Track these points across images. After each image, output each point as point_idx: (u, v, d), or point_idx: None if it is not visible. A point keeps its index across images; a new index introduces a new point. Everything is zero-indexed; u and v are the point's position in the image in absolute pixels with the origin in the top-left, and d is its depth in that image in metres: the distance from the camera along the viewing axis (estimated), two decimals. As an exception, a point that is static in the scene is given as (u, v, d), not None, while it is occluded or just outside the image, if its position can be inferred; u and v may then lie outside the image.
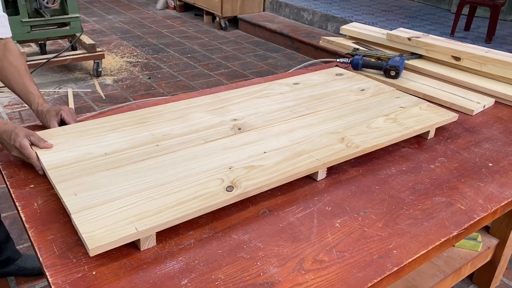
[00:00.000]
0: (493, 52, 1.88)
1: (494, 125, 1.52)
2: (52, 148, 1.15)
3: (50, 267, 0.85)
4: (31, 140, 1.14)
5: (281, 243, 0.95)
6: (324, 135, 1.27)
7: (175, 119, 1.34)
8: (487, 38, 4.35)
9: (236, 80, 4.05)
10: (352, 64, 1.85)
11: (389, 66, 1.73)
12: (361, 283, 0.86)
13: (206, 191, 1.01)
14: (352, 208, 1.07)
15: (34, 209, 1.00)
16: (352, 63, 1.84)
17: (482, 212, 1.08)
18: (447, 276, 1.55)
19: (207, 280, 0.85)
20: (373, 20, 4.99)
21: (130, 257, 0.89)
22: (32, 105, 1.32)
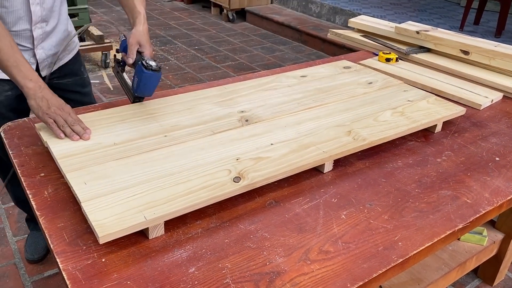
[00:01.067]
0: (502, 46, 1.87)
1: (502, 120, 1.52)
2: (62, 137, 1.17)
3: (60, 254, 0.87)
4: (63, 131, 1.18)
5: (287, 234, 0.96)
6: (331, 128, 1.28)
7: (183, 110, 1.35)
8: (497, 32, 4.31)
9: (243, 72, 4.06)
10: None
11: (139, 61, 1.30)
12: (366, 274, 0.87)
13: (214, 181, 1.02)
14: (358, 200, 1.08)
15: (44, 197, 1.02)
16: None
17: (488, 206, 1.09)
18: (451, 269, 1.56)
19: (214, 268, 0.86)
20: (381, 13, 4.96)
21: (138, 245, 0.90)
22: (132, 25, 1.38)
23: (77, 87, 1.66)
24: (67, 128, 1.18)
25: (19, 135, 1.26)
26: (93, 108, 1.41)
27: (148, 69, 1.26)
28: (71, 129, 1.18)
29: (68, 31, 1.58)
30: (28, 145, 1.22)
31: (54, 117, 1.18)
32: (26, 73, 1.20)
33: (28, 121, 1.33)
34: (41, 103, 1.19)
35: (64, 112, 1.21)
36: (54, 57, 1.53)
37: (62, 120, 1.18)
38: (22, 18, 1.36)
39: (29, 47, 1.44)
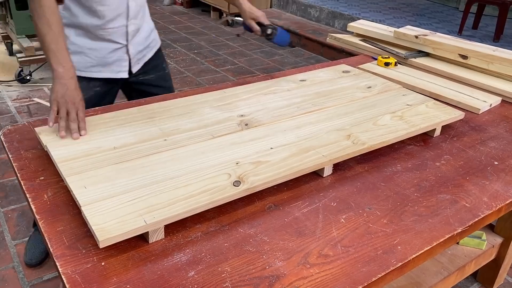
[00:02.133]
0: (500, 50, 1.88)
1: (501, 124, 1.53)
2: (62, 141, 1.17)
3: (60, 258, 0.87)
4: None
5: (286, 237, 0.96)
6: (331, 132, 1.28)
7: (183, 114, 1.36)
8: (495, 37, 4.33)
9: (242, 76, 4.07)
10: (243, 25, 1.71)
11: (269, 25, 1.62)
12: (365, 277, 0.87)
13: (214, 185, 1.02)
14: (357, 204, 1.08)
15: (44, 200, 1.02)
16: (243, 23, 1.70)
17: (487, 210, 1.09)
18: (451, 273, 1.56)
19: (213, 272, 0.86)
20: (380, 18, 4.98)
21: (138, 249, 0.91)
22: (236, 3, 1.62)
23: (160, 82, 1.76)
24: (62, 121, 1.20)
25: (19, 139, 1.26)
26: (93, 112, 1.41)
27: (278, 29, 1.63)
28: (65, 124, 1.20)
29: (151, 28, 1.69)
30: (28, 148, 1.22)
31: (60, 107, 1.21)
32: (61, 60, 1.24)
33: (28, 125, 1.33)
34: (60, 88, 1.22)
35: (73, 107, 1.23)
36: (141, 54, 1.63)
37: (65, 112, 1.21)
38: (121, 14, 1.47)
39: (124, 43, 1.54)
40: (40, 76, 3.89)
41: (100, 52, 1.54)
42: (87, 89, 1.51)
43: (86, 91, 1.48)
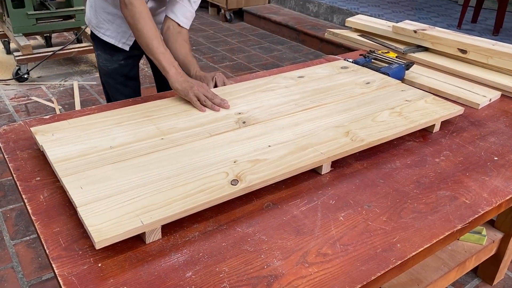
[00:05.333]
0: (500, 45, 1.86)
1: (500, 119, 1.52)
2: (58, 141, 1.16)
3: (56, 259, 0.86)
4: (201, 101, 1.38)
5: (285, 236, 0.95)
6: (329, 129, 1.27)
7: (180, 112, 1.34)
8: (495, 30, 4.31)
9: (241, 72, 4.05)
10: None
11: (381, 71, 1.72)
12: (365, 276, 0.86)
13: (211, 184, 1.01)
14: (356, 202, 1.07)
15: (40, 201, 1.01)
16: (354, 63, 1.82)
17: (487, 206, 1.08)
18: (451, 269, 1.55)
19: (211, 272, 0.85)
20: (379, 12, 4.96)
21: (135, 250, 0.90)
22: (191, 71, 1.58)
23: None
24: (208, 102, 1.37)
25: (15, 139, 1.25)
26: (89, 111, 1.40)
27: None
28: (212, 103, 1.36)
29: None
30: (24, 149, 1.21)
31: (197, 94, 1.37)
32: (170, 60, 1.42)
33: (24, 125, 1.32)
34: (185, 85, 1.38)
35: (204, 89, 1.39)
36: None
37: (204, 96, 1.37)
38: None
39: None
40: (37, 75, 3.87)
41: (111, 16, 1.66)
42: (111, 61, 1.75)
43: (111, 63, 1.76)
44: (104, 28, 1.70)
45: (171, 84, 1.40)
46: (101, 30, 1.71)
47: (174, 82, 1.39)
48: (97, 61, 1.82)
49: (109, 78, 1.80)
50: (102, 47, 1.74)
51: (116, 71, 1.78)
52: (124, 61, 1.76)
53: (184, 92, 1.38)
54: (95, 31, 1.73)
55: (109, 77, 1.80)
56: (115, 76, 1.79)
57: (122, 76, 1.80)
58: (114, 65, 1.76)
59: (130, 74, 1.83)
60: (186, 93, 1.38)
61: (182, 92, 1.39)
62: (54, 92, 3.56)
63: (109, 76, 1.80)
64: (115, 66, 1.76)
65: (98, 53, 1.79)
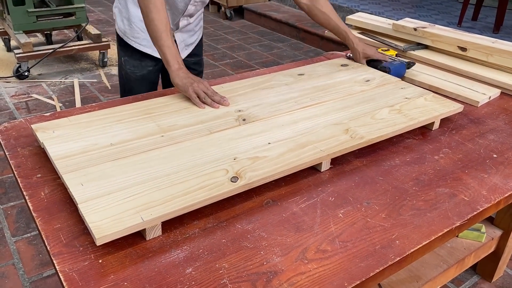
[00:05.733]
0: (500, 42, 1.86)
1: (500, 116, 1.52)
2: (59, 138, 1.16)
3: (57, 255, 0.87)
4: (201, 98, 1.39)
5: (284, 233, 0.96)
6: (329, 126, 1.28)
7: (180, 110, 1.35)
8: (495, 28, 4.31)
9: (241, 70, 4.05)
10: None
11: (381, 66, 1.71)
12: (364, 272, 0.87)
13: (211, 181, 1.02)
14: (356, 199, 1.08)
15: (41, 198, 1.02)
16: None
17: (486, 203, 1.09)
18: (450, 266, 1.56)
19: (211, 268, 0.86)
20: (379, 10, 4.96)
21: (135, 246, 0.90)
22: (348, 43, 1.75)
23: (196, 66, 1.94)
24: (208, 99, 1.37)
25: (16, 136, 1.26)
26: (90, 108, 1.40)
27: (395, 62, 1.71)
28: (212, 100, 1.37)
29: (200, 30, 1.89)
30: (25, 145, 1.22)
31: (197, 91, 1.37)
32: (176, 55, 1.42)
33: (25, 122, 1.33)
34: (185, 80, 1.39)
35: (204, 86, 1.40)
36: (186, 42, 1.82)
37: (203, 93, 1.37)
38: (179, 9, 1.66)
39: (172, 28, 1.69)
40: (38, 72, 3.88)
41: None
42: (140, 67, 1.75)
43: (140, 69, 1.75)
44: (140, 38, 1.69)
45: (172, 79, 1.40)
46: (137, 40, 1.70)
47: (175, 77, 1.40)
48: (123, 68, 1.78)
49: (135, 85, 1.78)
50: (131, 53, 1.73)
51: (144, 78, 1.77)
52: (153, 67, 1.76)
53: (184, 88, 1.38)
54: (130, 41, 1.71)
55: (135, 84, 1.78)
56: (142, 83, 1.78)
57: (150, 83, 1.80)
58: (142, 72, 1.75)
59: (155, 80, 1.83)
60: (186, 89, 1.38)
61: (182, 87, 1.39)
62: (54, 90, 3.57)
63: (136, 83, 1.78)
64: (144, 73, 1.75)
65: (125, 59, 1.76)
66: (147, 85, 1.80)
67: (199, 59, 1.98)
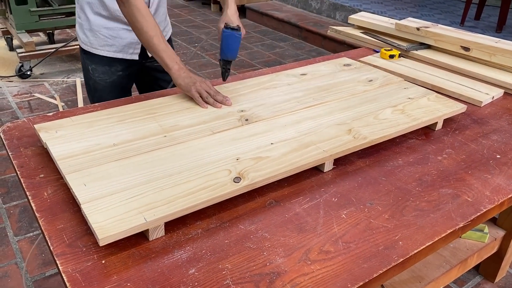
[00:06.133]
0: (503, 42, 1.86)
1: (503, 117, 1.51)
2: (61, 138, 1.16)
3: (60, 256, 0.87)
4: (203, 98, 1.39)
5: (287, 234, 0.96)
6: (332, 126, 1.28)
7: (183, 110, 1.35)
8: (498, 28, 4.30)
9: (243, 69, 4.05)
10: None
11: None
12: (367, 274, 0.87)
13: (214, 182, 1.02)
14: (359, 200, 1.07)
15: (44, 198, 1.02)
16: None
17: (489, 204, 1.08)
18: (453, 267, 1.56)
19: (214, 269, 0.86)
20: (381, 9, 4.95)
21: (138, 247, 0.90)
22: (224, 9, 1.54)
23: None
24: (210, 98, 1.38)
25: (19, 136, 1.26)
26: (93, 108, 1.40)
27: (227, 28, 1.44)
28: (214, 99, 1.38)
29: (165, 15, 1.74)
30: (28, 146, 1.22)
31: (200, 91, 1.38)
32: (172, 56, 1.40)
33: (28, 122, 1.33)
34: (187, 80, 1.39)
35: (206, 86, 1.40)
36: None
37: (206, 93, 1.38)
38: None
39: None
40: (40, 71, 3.88)
41: (113, 31, 1.59)
42: (109, 73, 1.66)
43: (110, 75, 1.66)
44: (108, 45, 1.61)
45: (174, 80, 1.41)
46: (105, 48, 1.61)
47: (177, 78, 1.39)
48: (90, 77, 1.67)
49: (104, 93, 1.68)
50: (98, 61, 1.63)
51: (114, 84, 1.68)
52: (122, 72, 1.67)
53: (187, 88, 1.38)
54: (98, 51, 1.62)
55: (105, 92, 1.68)
56: (113, 90, 1.69)
57: (121, 89, 1.71)
58: (112, 77, 1.66)
59: (127, 86, 1.75)
60: (188, 89, 1.38)
61: (185, 88, 1.39)
62: (56, 89, 3.57)
63: (105, 91, 1.68)
64: (114, 78, 1.67)
65: (92, 68, 1.65)
66: (118, 92, 1.70)
67: None
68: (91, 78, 1.67)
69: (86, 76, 1.69)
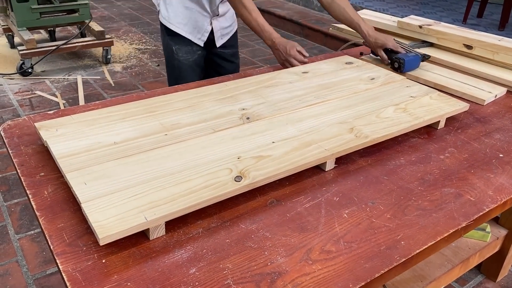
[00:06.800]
0: (506, 40, 1.85)
1: (506, 115, 1.51)
2: (62, 137, 1.16)
3: (60, 255, 0.86)
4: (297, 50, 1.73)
5: (288, 233, 0.95)
6: (333, 125, 1.27)
7: (184, 108, 1.34)
8: (500, 25, 4.28)
9: (245, 67, 4.04)
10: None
11: (395, 57, 1.71)
12: (368, 273, 0.86)
13: (215, 180, 1.01)
14: (360, 199, 1.07)
15: (44, 197, 1.02)
16: None
17: (492, 204, 1.08)
18: (455, 266, 1.55)
19: (215, 269, 0.85)
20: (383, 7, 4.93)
21: (139, 246, 0.90)
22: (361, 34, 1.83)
23: (233, 58, 2.08)
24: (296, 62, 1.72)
25: (19, 134, 1.26)
26: (94, 106, 1.40)
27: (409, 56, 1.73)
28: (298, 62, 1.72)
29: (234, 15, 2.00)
30: (28, 144, 1.21)
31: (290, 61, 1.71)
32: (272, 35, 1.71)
33: (28, 120, 1.33)
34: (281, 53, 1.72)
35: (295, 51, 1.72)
36: (224, 30, 1.96)
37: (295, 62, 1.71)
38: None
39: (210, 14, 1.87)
40: (41, 69, 3.88)
41: (190, 11, 1.83)
42: (192, 52, 1.90)
43: (192, 55, 1.90)
44: (182, 24, 1.84)
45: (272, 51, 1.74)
46: (179, 26, 1.84)
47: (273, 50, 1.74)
48: (175, 58, 1.89)
49: (188, 73, 1.91)
50: (181, 41, 1.86)
51: (196, 63, 1.92)
52: (201, 51, 1.91)
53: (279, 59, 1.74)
54: (175, 28, 1.84)
55: (189, 72, 1.91)
56: (195, 69, 1.93)
57: (200, 69, 1.96)
58: (194, 56, 1.89)
59: (204, 66, 1.99)
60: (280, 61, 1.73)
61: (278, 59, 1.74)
62: (58, 87, 3.57)
63: (189, 71, 1.91)
64: (195, 58, 1.90)
65: (176, 48, 1.88)
66: (199, 71, 1.95)
67: (235, 51, 2.09)
68: (175, 59, 1.90)
69: (169, 57, 1.92)
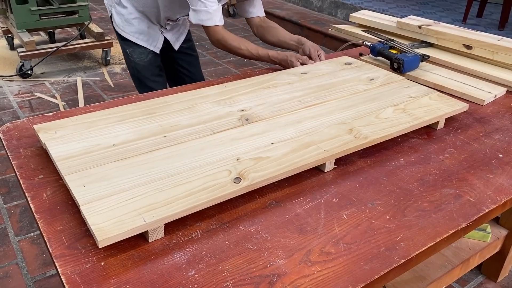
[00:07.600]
0: (505, 40, 1.85)
1: (506, 115, 1.50)
2: (61, 139, 1.16)
3: (59, 258, 0.86)
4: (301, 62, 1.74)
5: (288, 235, 0.95)
6: (332, 126, 1.27)
7: (183, 110, 1.34)
8: (500, 25, 4.28)
9: (244, 68, 4.04)
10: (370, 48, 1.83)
11: (395, 57, 1.71)
12: (368, 275, 0.86)
13: (214, 182, 1.01)
14: (360, 200, 1.07)
15: (43, 199, 1.01)
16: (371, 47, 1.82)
17: (492, 204, 1.07)
18: (455, 266, 1.55)
19: (214, 271, 0.85)
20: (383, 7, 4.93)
21: (138, 248, 0.90)
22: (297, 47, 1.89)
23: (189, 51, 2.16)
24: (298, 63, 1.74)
25: (18, 136, 1.26)
26: (92, 108, 1.40)
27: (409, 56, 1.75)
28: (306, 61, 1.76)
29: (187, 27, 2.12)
30: (27, 146, 1.21)
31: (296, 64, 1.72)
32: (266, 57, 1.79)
33: (27, 122, 1.32)
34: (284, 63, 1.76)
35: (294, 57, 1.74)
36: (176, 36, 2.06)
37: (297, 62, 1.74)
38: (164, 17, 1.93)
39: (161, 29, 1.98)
40: (41, 71, 3.88)
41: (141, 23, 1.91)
42: (145, 53, 1.96)
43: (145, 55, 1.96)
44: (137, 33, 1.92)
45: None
46: (134, 35, 1.92)
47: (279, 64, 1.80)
48: (131, 60, 1.97)
49: (146, 72, 1.98)
50: (134, 43, 1.93)
51: (151, 62, 1.97)
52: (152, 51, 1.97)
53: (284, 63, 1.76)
54: (130, 37, 1.92)
55: (146, 71, 1.98)
56: (151, 68, 1.98)
57: (157, 67, 2.00)
58: (149, 56, 1.96)
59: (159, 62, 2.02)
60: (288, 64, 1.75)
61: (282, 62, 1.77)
62: (57, 88, 3.57)
63: (146, 70, 1.97)
64: (150, 57, 1.96)
65: (131, 50, 1.95)
66: (157, 69, 2.01)
67: (191, 44, 2.18)
68: (131, 61, 1.97)
69: (126, 59, 2.00)
